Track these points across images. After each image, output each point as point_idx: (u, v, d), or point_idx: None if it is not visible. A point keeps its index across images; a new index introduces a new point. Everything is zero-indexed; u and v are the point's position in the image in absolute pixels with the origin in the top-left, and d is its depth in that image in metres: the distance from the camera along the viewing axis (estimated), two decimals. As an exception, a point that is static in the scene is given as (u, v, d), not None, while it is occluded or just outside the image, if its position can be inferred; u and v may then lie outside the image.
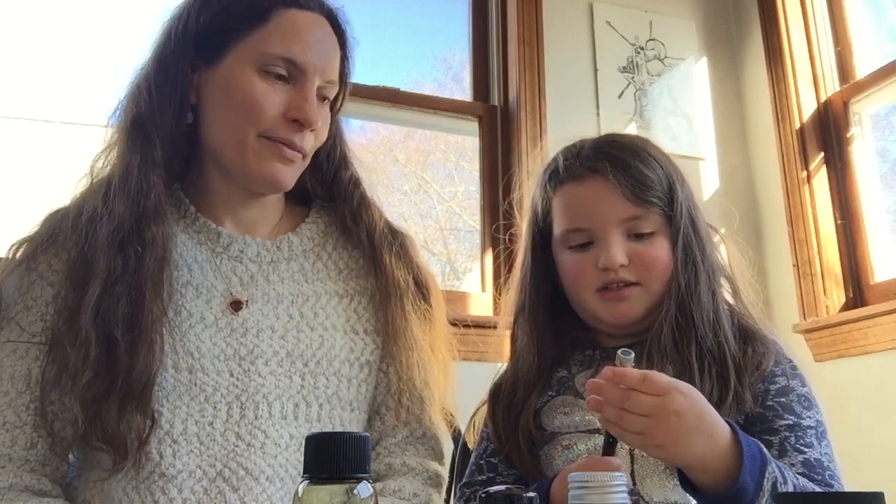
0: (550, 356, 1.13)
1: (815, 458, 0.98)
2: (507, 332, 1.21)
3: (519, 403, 1.10)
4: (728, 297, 1.13)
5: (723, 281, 1.13)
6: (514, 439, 1.08)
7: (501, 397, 1.12)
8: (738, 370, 1.02)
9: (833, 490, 0.95)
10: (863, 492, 0.53)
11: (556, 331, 1.14)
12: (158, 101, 1.01)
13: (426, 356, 1.11)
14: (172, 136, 1.02)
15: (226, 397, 0.98)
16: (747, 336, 1.07)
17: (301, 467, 0.97)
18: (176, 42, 1.03)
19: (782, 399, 1.02)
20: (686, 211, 1.10)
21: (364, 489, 0.54)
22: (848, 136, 2.54)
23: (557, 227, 1.13)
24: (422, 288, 1.14)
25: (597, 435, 1.04)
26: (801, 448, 0.99)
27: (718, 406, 0.98)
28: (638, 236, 1.08)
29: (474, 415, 1.28)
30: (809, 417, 1.02)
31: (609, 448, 0.90)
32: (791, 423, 1.00)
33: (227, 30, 1.02)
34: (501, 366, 1.19)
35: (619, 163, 1.09)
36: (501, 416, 1.11)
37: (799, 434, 1.00)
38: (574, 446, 1.04)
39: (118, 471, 0.93)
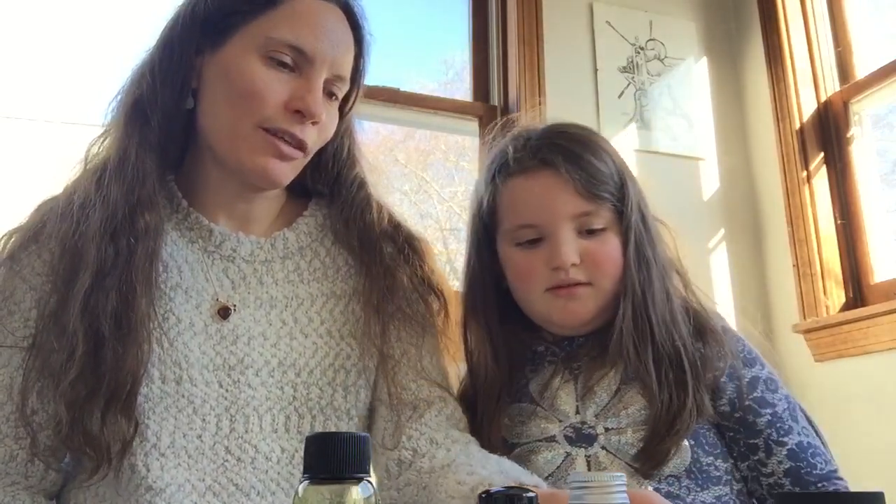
0: (508, 361, 1.08)
1: (795, 444, 1.01)
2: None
3: (486, 419, 1.05)
4: (680, 287, 1.09)
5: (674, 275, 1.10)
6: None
7: (469, 410, 1.07)
8: (696, 374, 1.00)
9: (832, 485, 0.98)
10: (863, 492, 0.53)
11: (507, 333, 1.09)
12: (161, 84, 0.96)
13: (434, 358, 1.06)
14: (171, 120, 0.97)
15: (215, 409, 0.94)
16: (701, 333, 1.05)
17: (294, 481, 0.95)
18: (183, 24, 0.98)
19: (755, 394, 1.03)
20: (637, 206, 1.06)
21: (364, 489, 0.54)
22: (848, 136, 2.54)
23: (506, 223, 1.07)
24: (434, 291, 1.08)
25: (555, 443, 1.01)
26: (783, 440, 1.01)
27: (678, 415, 0.97)
28: (589, 232, 1.03)
29: None
30: (780, 400, 1.04)
31: None
32: (769, 417, 1.02)
33: (234, 12, 0.96)
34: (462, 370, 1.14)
35: (572, 156, 1.04)
36: (475, 429, 1.05)
37: (778, 425, 1.01)
38: (535, 455, 1.01)
39: (101, 478, 0.89)
